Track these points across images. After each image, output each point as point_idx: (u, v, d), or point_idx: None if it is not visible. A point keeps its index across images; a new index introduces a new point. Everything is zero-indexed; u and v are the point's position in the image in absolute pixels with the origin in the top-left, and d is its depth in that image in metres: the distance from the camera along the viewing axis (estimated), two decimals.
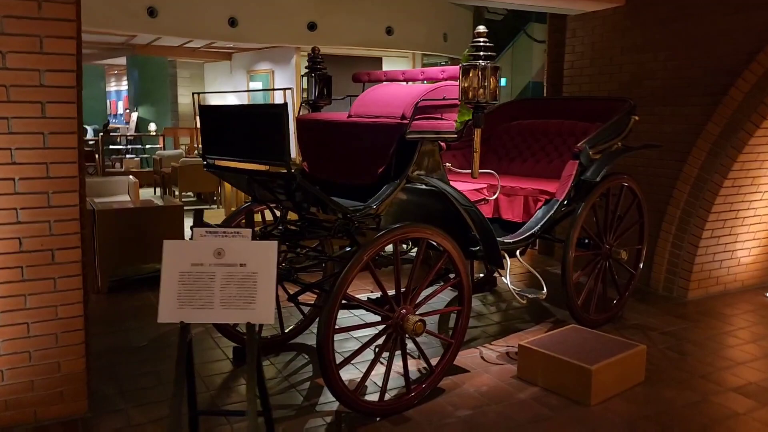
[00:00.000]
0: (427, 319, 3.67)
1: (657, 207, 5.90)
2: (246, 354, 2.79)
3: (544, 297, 4.46)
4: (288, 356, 4.49)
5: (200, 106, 3.80)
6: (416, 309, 3.68)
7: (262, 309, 2.79)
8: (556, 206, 4.67)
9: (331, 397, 3.54)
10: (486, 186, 4.58)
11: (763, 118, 5.21)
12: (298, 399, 3.83)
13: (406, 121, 3.68)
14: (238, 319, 2.79)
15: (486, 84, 3.59)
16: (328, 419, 3.58)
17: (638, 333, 4.97)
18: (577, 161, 4.75)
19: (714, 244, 5.81)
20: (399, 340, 3.63)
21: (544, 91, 7.54)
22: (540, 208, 4.73)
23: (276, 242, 2.82)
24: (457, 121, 3.91)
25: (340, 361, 3.50)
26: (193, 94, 3.87)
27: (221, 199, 10.29)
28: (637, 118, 5.16)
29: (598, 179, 4.76)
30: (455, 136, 3.85)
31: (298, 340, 4.72)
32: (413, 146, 3.74)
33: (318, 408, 3.72)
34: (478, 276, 6.15)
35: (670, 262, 5.94)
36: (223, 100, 14.31)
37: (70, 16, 3.10)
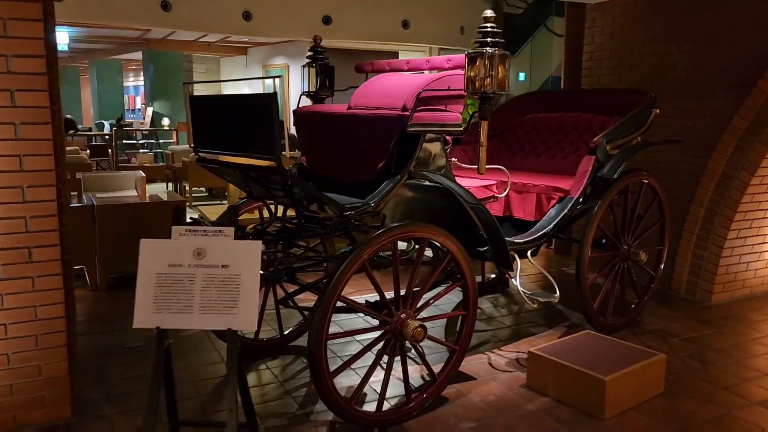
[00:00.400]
0: (434, 323, 3.43)
1: (679, 205, 5.61)
2: (227, 363, 2.58)
3: (556, 301, 4.21)
4: (286, 360, 4.28)
5: (190, 97, 3.60)
6: (417, 313, 3.45)
7: (244, 314, 2.59)
8: (570, 204, 4.41)
9: None
10: (496, 182, 4.33)
11: None
12: (292, 407, 3.62)
13: (407, 113, 3.44)
14: (219, 324, 2.59)
15: (493, 73, 3.34)
16: (323, 430, 3.37)
17: (658, 339, 4.69)
18: (594, 157, 4.48)
19: (740, 245, 5.50)
20: (398, 346, 3.40)
21: (562, 84, 7.26)
22: (553, 206, 4.48)
23: (260, 242, 2.61)
24: (463, 114, 3.67)
25: (337, 366, 3.28)
26: (183, 84, 3.67)
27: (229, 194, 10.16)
28: (658, 111, 4.87)
29: (616, 176, 4.49)
30: (461, 129, 3.61)
31: (298, 342, 4.51)
32: (415, 140, 3.51)
33: (313, 417, 3.50)
34: (489, 276, 5.90)
35: (693, 264, 5.64)
36: (239, 91, 14.18)
37: None
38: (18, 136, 2.87)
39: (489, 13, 3.37)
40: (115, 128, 15.69)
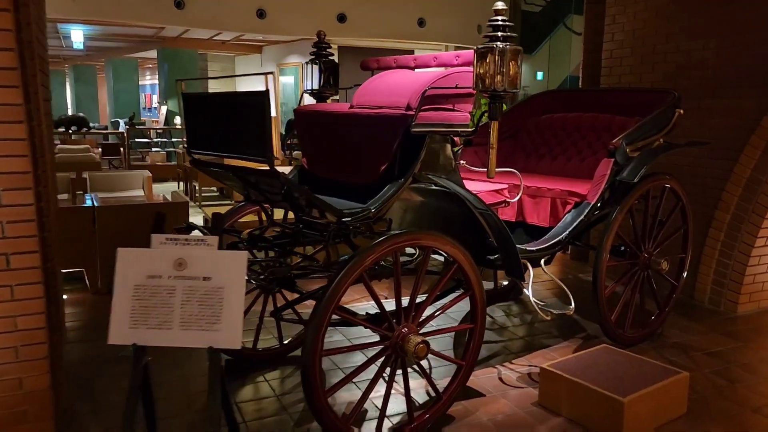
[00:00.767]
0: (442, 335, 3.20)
1: (703, 211, 5.32)
2: (209, 385, 2.37)
3: (571, 313, 3.96)
4: (285, 371, 4.07)
5: (183, 94, 3.41)
6: (420, 327, 3.22)
7: (227, 331, 2.38)
8: (587, 210, 4.16)
9: None
10: (508, 186, 4.09)
11: None
12: (287, 424, 3.41)
13: (412, 113, 3.22)
14: (200, 342, 2.38)
15: (504, 70, 3.10)
16: None
17: (680, 353, 4.42)
18: (613, 159, 4.22)
19: None
20: (400, 362, 3.17)
21: (580, 83, 6.98)
22: (569, 211, 4.22)
23: (246, 253, 2.40)
24: (472, 113, 3.43)
25: (337, 381, 3.07)
26: (176, 80, 3.48)
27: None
28: (682, 111, 4.60)
29: (636, 180, 4.22)
30: (470, 130, 3.37)
31: (299, 353, 4.29)
32: (420, 141, 3.28)
33: None
34: (502, 283, 5.65)
35: (718, 273, 5.35)
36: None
37: None
38: None
39: (500, 5, 3.13)
40: (127, 127, 15.64)
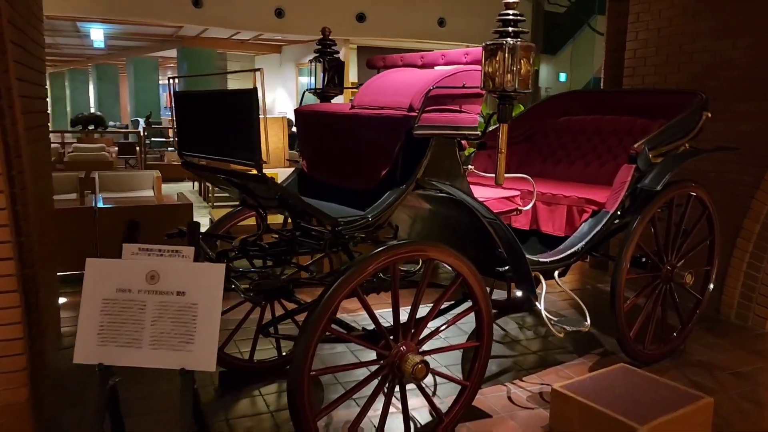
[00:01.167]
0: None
1: (731, 220, 5.01)
2: (180, 410, 2.17)
3: (587, 329, 3.70)
4: (283, 385, 3.85)
5: (175, 93, 3.23)
6: (420, 345, 2.98)
7: (201, 351, 2.18)
8: (605, 219, 3.89)
9: None
10: (520, 193, 3.84)
11: None
12: None
13: (415, 114, 2.99)
14: (171, 363, 2.18)
15: (515, 68, 2.87)
16: None
17: (703, 373, 4.13)
18: (634, 165, 3.96)
19: None
20: (398, 383, 2.94)
21: (601, 84, 6.69)
22: (586, 220, 3.96)
23: (223, 266, 2.20)
24: (481, 115, 3.20)
25: (334, 398, 2.85)
26: (168, 78, 3.30)
27: None
28: (710, 114, 4.31)
29: (659, 188, 3.95)
30: (478, 133, 3.14)
31: None
32: (424, 144, 3.06)
33: None
34: (515, 293, 5.39)
35: (746, 286, 5.04)
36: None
37: None
38: None
39: None
40: (144, 126, 15.63)
